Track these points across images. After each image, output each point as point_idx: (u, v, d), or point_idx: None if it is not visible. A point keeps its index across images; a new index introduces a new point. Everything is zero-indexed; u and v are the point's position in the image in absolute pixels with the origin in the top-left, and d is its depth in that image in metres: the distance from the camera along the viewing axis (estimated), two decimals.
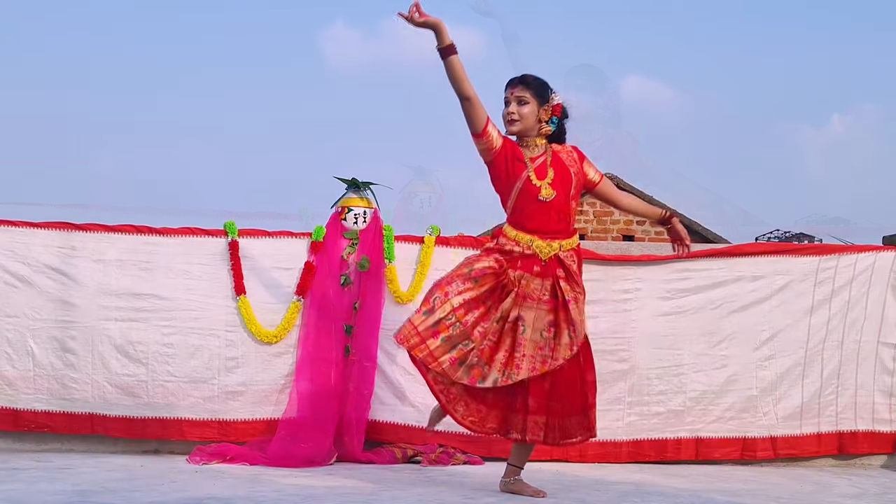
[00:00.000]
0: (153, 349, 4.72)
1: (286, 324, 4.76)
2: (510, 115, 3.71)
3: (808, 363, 4.94)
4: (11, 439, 4.74)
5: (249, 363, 4.77)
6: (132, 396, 4.69)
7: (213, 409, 4.72)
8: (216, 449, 4.51)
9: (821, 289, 4.97)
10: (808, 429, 4.92)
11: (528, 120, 3.71)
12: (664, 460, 4.84)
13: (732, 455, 4.89)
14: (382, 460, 4.61)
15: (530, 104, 3.70)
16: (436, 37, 3.55)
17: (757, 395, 4.90)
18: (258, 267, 4.83)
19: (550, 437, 3.64)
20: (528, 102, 3.70)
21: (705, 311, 4.92)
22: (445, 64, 3.58)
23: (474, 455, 4.67)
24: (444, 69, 3.59)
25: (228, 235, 4.84)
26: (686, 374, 4.88)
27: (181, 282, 4.79)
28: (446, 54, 3.56)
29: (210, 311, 4.78)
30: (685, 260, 4.92)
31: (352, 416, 4.66)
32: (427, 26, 3.54)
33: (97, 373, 4.69)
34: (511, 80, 3.74)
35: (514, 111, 3.70)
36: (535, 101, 3.71)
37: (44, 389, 4.69)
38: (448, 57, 3.57)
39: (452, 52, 3.56)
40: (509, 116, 3.71)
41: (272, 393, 4.76)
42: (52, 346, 4.70)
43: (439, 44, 3.56)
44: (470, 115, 3.65)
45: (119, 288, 4.75)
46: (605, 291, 4.88)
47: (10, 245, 4.75)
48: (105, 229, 4.82)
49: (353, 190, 4.84)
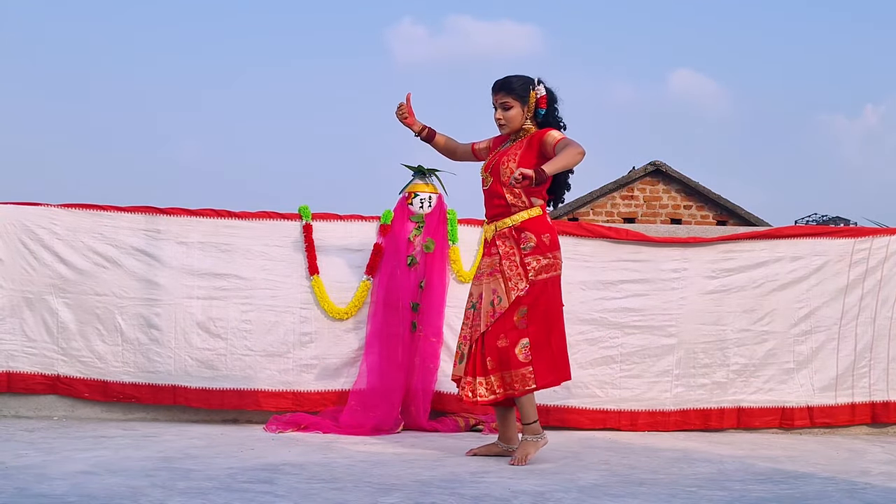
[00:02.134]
0: (232, 325, 4.89)
1: (356, 301, 4.92)
2: (498, 121, 3.96)
3: (842, 338, 5.06)
4: (101, 409, 4.92)
5: (322, 338, 4.92)
6: (212, 369, 4.86)
7: (288, 380, 4.88)
8: (291, 418, 4.67)
9: (855, 269, 5.10)
10: (843, 399, 5.06)
11: (515, 121, 3.93)
12: (709, 428, 4.99)
13: (772, 424, 5.03)
14: (446, 429, 4.76)
15: (514, 107, 3.91)
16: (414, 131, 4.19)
17: (794, 368, 5.05)
18: (330, 248, 4.98)
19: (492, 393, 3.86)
20: (511, 106, 3.91)
21: (747, 289, 5.04)
22: (431, 145, 4.24)
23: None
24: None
25: (303, 219, 5.01)
26: (729, 348, 5.01)
27: (259, 262, 4.96)
28: (428, 139, 4.20)
29: (285, 289, 4.94)
30: (730, 242, 5.06)
31: (418, 388, 4.77)
32: (405, 125, 4.17)
33: (180, 347, 4.87)
34: (494, 87, 3.96)
35: (501, 117, 3.94)
36: (518, 102, 3.91)
37: (131, 363, 4.87)
38: (430, 141, 4.21)
39: (432, 137, 4.21)
40: (498, 122, 3.97)
41: (343, 366, 4.92)
42: (138, 322, 4.88)
43: (417, 134, 4.19)
44: (468, 160, 4.25)
45: (201, 268, 4.93)
46: (654, 271, 5.02)
47: (99, 228, 4.92)
48: (187, 213, 4.99)
49: (420, 176, 4.98)
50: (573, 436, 4.71)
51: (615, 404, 4.99)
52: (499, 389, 3.82)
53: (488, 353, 3.82)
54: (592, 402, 4.99)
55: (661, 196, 15.61)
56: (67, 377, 4.90)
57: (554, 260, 3.87)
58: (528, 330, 3.81)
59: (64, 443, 3.96)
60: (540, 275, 3.83)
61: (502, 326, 3.81)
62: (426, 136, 4.21)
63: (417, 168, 5.02)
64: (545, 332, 3.85)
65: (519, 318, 3.81)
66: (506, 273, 3.83)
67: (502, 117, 3.94)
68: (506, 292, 3.81)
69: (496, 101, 3.96)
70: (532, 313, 3.82)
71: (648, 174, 16.46)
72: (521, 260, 3.83)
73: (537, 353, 3.81)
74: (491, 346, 3.82)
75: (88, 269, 4.92)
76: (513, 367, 3.79)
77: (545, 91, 3.94)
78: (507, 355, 3.79)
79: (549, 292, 3.87)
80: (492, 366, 3.82)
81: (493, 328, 3.82)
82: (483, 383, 3.83)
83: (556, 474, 3.48)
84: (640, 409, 4.99)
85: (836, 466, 3.90)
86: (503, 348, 3.79)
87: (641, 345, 5.02)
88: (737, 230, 5.30)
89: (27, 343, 4.89)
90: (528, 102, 3.92)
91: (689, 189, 16.42)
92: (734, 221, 15.98)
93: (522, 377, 3.79)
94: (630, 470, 3.63)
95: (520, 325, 3.81)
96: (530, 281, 3.81)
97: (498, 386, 3.82)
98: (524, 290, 3.81)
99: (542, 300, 3.84)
